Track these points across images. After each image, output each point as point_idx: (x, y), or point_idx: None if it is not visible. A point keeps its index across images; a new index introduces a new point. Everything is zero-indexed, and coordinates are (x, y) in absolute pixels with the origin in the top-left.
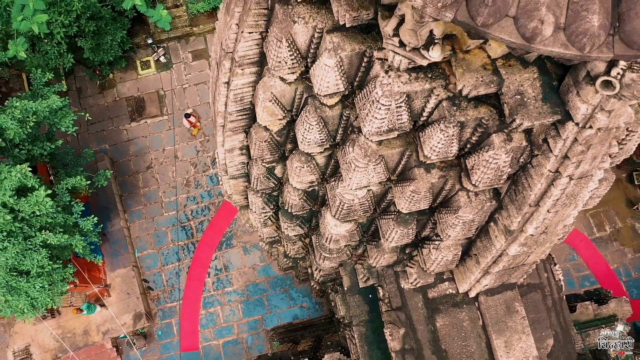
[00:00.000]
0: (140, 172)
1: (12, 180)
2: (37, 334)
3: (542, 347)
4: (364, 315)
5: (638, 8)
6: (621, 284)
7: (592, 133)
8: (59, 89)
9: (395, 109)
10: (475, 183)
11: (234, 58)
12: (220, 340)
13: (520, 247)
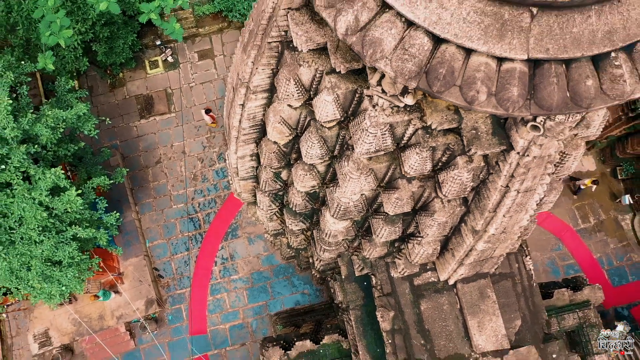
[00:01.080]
0: (150, 166)
1: (47, 182)
2: (55, 318)
3: (510, 327)
4: (359, 300)
5: (545, 83)
6: (603, 272)
7: (529, 160)
8: (81, 95)
9: (381, 135)
10: (445, 194)
11: (248, 87)
12: (227, 325)
13: (486, 243)
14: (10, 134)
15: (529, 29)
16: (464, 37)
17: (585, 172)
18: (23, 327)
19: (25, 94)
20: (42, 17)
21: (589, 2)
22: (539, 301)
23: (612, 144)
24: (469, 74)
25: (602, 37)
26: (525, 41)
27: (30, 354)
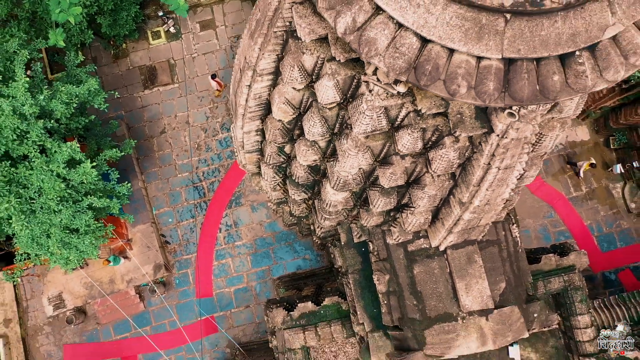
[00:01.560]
0: (155, 136)
1: (63, 155)
2: (67, 282)
3: (495, 289)
4: (358, 265)
5: (517, 78)
6: (593, 239)
7: (508, 141)
8: (89, 69)
9: (377, 117)
10: (434, 170)
11: (255, 70)
12: (231, 288)
13: (472, 214)
14: (29, 110)
15: (503, 32)
16: (447, 38)
17: (579, 141)
18: (37, 290)
19: (40, 70)
20: None
21: (556, 9)
22: (524, 266)
23: (606, 114)
24: (451, 70)
25: (567, 39)
26: (499, 43)
27: (45, 316)
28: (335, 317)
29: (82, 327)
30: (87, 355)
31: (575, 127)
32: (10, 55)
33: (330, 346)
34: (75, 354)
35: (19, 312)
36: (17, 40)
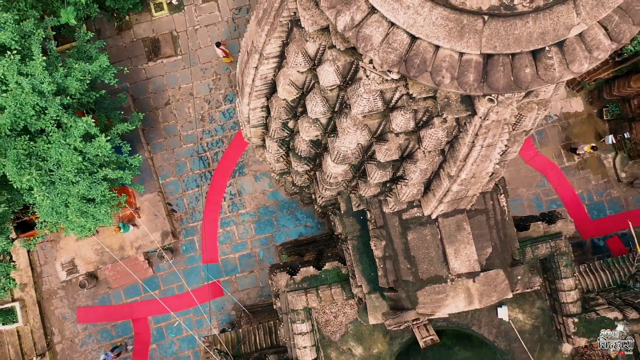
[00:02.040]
0: (159, 108)
1: (79, 129)
2: (79, 249)
3: (482, 253)
4: (356, 232)
5: (494, 70)
6: (584, 207)
7: (489, 122)
8: (99, 45)
9: (373, 99)
10: (425, 147)
11: (262, 54)
12: (236, 254)
13: (459, 186)
14: (47, 88)
15: (481, 31)
16: (433, 36)
17: (573, 112)
18: (50, 256)
19: (54, 49)
20: None
21: (527, 11)
22: (511, 232)
23: (600, 86)
24: (437, 63)
25: (537, 37)
26: (478, 40)
27: (59, 280)
28: (335, 281)
29: (94, 291)
30: (100, 317)
31: (570, 98)
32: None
33: (331, 307)
34: (88, 316)
35: (33, 277)
36: (32, 20)
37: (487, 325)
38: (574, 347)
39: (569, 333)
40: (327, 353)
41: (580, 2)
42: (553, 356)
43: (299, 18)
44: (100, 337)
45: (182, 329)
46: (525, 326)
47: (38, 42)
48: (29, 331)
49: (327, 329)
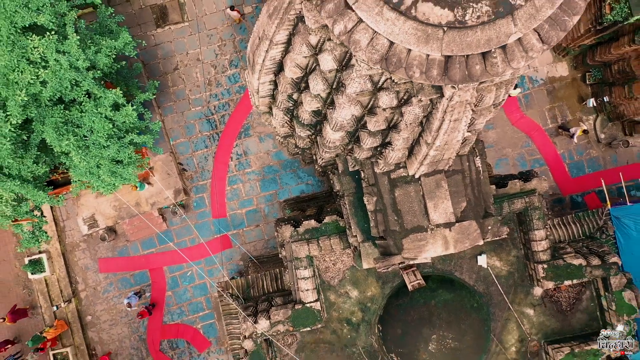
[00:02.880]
0: (169, 73)
1: (109, 100)
2: (99, 205)
3: (457, 207)
4: (352, 189)
5: (452, 67)
6: (564, 166)
7: (454, 103)
8: (119, 20)
9: (363, 82)
10: (406, 120)
11: (272, 40)
12: (243, 210)
13: (435, 151)
14: (82, 64)
15: (442, 39)
16: (406, 42)
17: (558, 77)
18: (72, 212)
19: (84, 27)
20: None
21: (476, 24)
22: (485, 189)
23: (584, 52)
24: (409, 62)
25: (484, 43)
26: (440, 45)
27: (81, 234)
28: (334, 232)
29: (113, 244)
30: (119, 267)
31: (555, 63)
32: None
33: (330, 256)
34: (108, 267)
35: (57, 231)
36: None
37: (468, 271)
38: (543, 290)
39: (539, 277)
40: (326, 296)
41: (517, 16)
42: (525, 298)
43: (303, 16)
44: (120, 285)
45: (195, 278)
46: (502, 272)
47: (71, 22)
48: (55, 280)
49: (326, 275)
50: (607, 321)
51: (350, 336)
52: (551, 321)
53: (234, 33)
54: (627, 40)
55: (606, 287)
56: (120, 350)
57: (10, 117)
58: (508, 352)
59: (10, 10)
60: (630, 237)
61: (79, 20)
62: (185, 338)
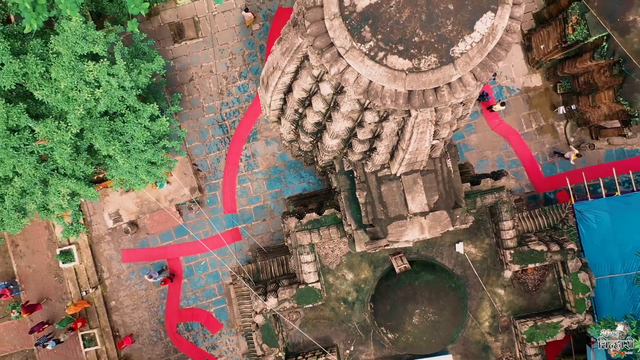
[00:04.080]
0: (185, 83)
1: (147, 112)
2: (123, 201)
3: (431, 200)
4: (347, 186)
5: (413, 97)
6: (539, 166)
7: (419, 120)
8: (150, 43)
9: (353, 104)
10: (385, 132)
11: (283, 71)
12: (251, 206)
13: (409, 155)
14: (128, 85)
15: (405, 79)
16: (380, 81)
17: (533, 87)
18: (98, 208)
19: (127, 53)
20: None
21: (428, 69)
22: (456, 185)
23: (555, 64)
24: (383, 94)
25: (434, 82)
26: (404, 83)
27: (106, 228)
28: (332, 223)
29: (135, 236)
30: (140, 257)
31: (530, 75)
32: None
33: (329, 243)
34: (130, 257)
35: (85, 225)
36: (114, 34)
37: (447, 257)
38: (512, 272)
39: (507, 262)
40: (326, 278)
41: (456, 63)
42: (497, 280)
43: (309, 56)
44: (141, 274)
45: (208, 267)
46: (477, 257)
47: (119, 50)
48: (83, 269)
49: (326, 260)
50: (565, 299)
51: (347, 313)
52: (519, 300)
53: (243, 48)
54: (588, 56)
55: (565, 270)
56: (141, 332)
57: (71, 127)
58: (482, 326)
59: (72, 42)
60: (590, 228)
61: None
62: (199, 321)
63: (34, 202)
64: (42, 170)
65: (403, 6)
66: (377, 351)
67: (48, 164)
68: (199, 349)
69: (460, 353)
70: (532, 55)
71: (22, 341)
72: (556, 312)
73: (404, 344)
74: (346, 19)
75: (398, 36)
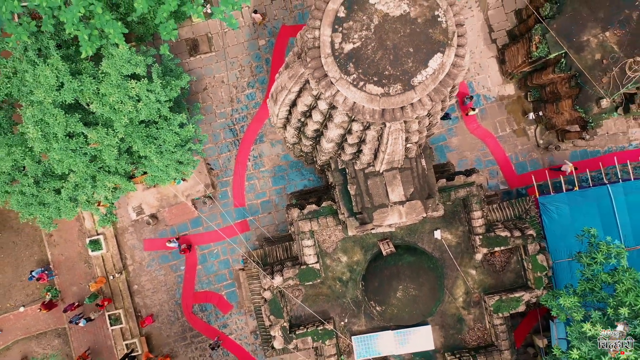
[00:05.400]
0: (199, 92)
1: (177, 121)
2: (144, 196)
3: (407, 191)
4: (341, 181)
5: (386, 114)
6: (512, 165)
7: (392, 129)
8: (176, 62)
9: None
10: (368, 137)
11: (290, 90)
12: (258, 200)
13: (388, 156)
14: (163, 99)
15: (379, 100)
16: (361, 102)
17: (506, 95)
18: (123, 203)
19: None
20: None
21: (395, 94)
22: (430, 180)
23: (525, 76)
24: (364, 111)
25: (400, 102)
26: (379, 104)
27: (130, 220)
28: (329, 213)
29: (155, 228)
30: (160, 246)
31: (504, 84)
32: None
33: (327, 230)
34: (151, 246)
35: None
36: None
37: (427, 242)
38: (482, 255)
39: (476, 246)
40: (324, 260)
41: (416, 89)
42: (469, 262)
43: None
44: (160, 261)
45: (220, 254)
46: (452, 242)
47: (156, 71)
48: (109, 256)
49: (324, 245)
50: (527, 277)
51: (341, 290)
52: (488, 278)
53: (251, 61)
54: (551, 70)
55: (526, 252)
56: (161, 312)
57: (117, 133)
58: (457, 301)
59: (119, 65)
60: (552, 218)
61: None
62: (212, 302)
63: (85, 194)
64: (92, 168)
65: (376, 50)
66: (367, 322)
67: (96, 163)
68: (212, 327)
69: (438, 324)
70: (505, 67)
71: (56, 320)
72: (519, 289)
73: (390, 316)
74: (336, 58)
75: (373, 70)
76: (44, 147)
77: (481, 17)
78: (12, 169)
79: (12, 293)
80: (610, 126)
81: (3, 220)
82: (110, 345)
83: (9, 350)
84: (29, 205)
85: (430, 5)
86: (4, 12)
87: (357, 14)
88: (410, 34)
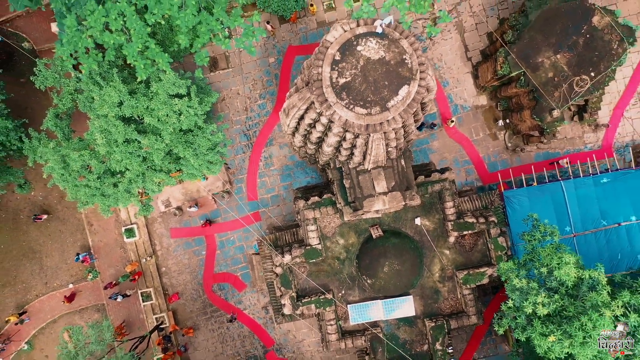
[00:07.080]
0: (218, 102)
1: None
2: (172, 191)
3: (389, 185)
4: (338, 177)
5: (370, 127)
6: (485, 165)
7: (374, 138)
8: (206, 81)
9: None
10: (358, 144)
11: (299, 107)
12: (268, 195)
13: (373, 157)
14: (200, 112)
15: (364, 118)
16: (351, 119)
17: (480, 105)
18: (153, 197)
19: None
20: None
21: (375, 114)
22: (408, 177)
23: (495, 89)
24: (353, 125)
25: (379, 119)
26: (363, 121)
27: (159, 212)
28: (329, 204)
29: (180, 218)
30: (184, 234)
31: (478, 96)
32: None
33: (327, 218)
34: (177, 234)
35: None
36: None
37: (409, 227)
38: (454, 237)
39: (449, 230)
40: (324, 243)
41: (391, 110)
42: (444, 244)
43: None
44: (185, 246)
45: (235, 241)
46: (430, 228)
47: (194, 91)
48: (141, 242)
49: (325, 230)
50: (491, 256)
51: (339, 267)
52: (459, 257)
53: (262, 75)
54: (514, 85)
55: (489, 235)
56: (185, 291)
57: (164, 140)
58: (434, 276)
59: (167, 87)
60: (515, 209)
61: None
62: (229, 282)
63: (137, 187)
64: (143, 167)
65: (362, 83)
66: (360, 294)
67: (146, 162)
68: (229, 303)
69: (418, 295)
70: (479, 81)
71: (95, 297)
72: (484, 265)
73: (378, 287)
74: (334, 88)
75: (360, 97)
76: (107, 150)
77: (459, 38)
78: (81, 167)
79: (58, 274)
80: (568, 131)
81: (51, 211)
82: (142, 319)
83: (55, 322)
84: (93, 196)
85: (399, 51)
86: (80, 47)
87: (349, 57)
88: (385, 72)
